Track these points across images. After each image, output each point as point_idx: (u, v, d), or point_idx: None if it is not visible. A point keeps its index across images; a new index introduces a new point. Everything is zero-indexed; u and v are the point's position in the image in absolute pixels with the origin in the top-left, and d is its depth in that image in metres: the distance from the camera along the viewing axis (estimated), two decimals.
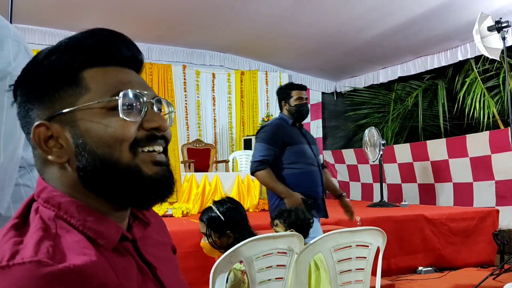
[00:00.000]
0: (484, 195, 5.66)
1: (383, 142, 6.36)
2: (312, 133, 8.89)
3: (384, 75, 7.96)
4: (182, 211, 4.97)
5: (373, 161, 6.67)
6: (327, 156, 8.74)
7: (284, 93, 2.97)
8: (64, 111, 0.63)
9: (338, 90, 9.14)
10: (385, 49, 7.01)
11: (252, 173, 2.82)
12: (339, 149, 8.60)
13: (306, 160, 2.83)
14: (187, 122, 7.61)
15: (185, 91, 7.61)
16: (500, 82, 6.50)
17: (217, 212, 1.89)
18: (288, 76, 8.54)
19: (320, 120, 8.94)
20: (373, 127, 6.66)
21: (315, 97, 9.00)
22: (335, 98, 9.20)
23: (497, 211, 5.02)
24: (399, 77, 7.73)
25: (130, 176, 0.64)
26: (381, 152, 6.34)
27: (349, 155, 8.10)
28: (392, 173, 7.02)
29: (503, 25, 4.24)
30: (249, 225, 1.98)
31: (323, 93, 9.08)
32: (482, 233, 4.83)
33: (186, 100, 7.61)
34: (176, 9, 5.98)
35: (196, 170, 6.20)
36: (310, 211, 2.60)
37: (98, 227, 0.63)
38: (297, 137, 2.89)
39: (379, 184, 6.53)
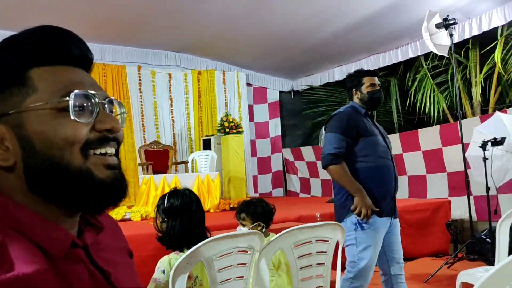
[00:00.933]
0: (437, 187, 5.86)
1: None
2: (271, 131, 8.95)
3: (339, 73, 8.11)
4: (141, 215, 4.88)
5: None
6: (286, 154, 8.81)
7: (354, 80, 2.78)
8: (9, 112, 0.60)
9: (295, 89, 9.24)
10: (339, 47, 7.15)
11: (325, 167, 2.61)
12: (298, 146, 8.69)
13: (379, 153, 2.62)
14: (143, 124, 7.46)
15: (140, 92, 7.46)
16: (449, 78, 6.76)
17: (161, 198, 2.04)
18: (245, 75, 8.56)
19: (279, 119, 9.02)
20: None
21: (272, 96, 9.06)
22: (292, 97, 9.29)
23: (449, 202, 5.22)
24: None
25: (82, 180, 0.61)
26: None
27: (307, 152, 8.20)
28: None
29: (450, 22, 4.41)
30: (188, 215, 1.98)
31: (280, 92, 9.16)
32: (436, 223, 5.01)
33: (141, 101, 7.47)
34: (128, 9, 5.86)
35: (154, 172, 6.09)
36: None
37: (47, 234, 0.60)
38: (371, 128, 2.67)
39: None
